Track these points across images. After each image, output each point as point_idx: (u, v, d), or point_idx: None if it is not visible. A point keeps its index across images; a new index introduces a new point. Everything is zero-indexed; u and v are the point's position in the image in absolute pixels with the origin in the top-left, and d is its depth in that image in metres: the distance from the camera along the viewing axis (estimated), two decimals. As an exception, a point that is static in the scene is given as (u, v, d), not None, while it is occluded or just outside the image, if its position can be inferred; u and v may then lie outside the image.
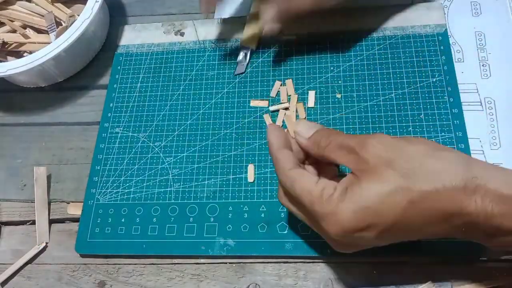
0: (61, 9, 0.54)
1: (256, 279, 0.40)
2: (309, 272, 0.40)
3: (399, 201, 0.29)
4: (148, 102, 0.50)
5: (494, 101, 0.43)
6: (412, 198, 0.29)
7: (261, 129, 0.46)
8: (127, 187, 0.45)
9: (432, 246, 0.38)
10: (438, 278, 0.38)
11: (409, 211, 0.29)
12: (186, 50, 0.52)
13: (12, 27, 0.53)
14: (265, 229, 0.41)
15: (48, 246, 0.45)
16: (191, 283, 0.41)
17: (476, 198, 0.28)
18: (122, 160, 0.47)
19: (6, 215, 0.48)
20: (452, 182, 0.28)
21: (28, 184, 0.48)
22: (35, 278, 0.44)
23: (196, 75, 0.50)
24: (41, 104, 0.53)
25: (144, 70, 0.52)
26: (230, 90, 0.48)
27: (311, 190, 0.31)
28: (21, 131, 0.52)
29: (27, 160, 0.50)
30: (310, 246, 0.40)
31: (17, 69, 0.47)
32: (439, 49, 0.46)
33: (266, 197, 0.42)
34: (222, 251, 0.41)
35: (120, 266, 0.43)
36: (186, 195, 0.44)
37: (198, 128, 0.47)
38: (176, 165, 0.45)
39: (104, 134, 0.49)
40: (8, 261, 0.45)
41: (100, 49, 0.55)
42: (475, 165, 0.29)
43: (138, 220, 0.43)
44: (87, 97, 0.53)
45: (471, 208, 0.28)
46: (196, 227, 0.42)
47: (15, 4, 0.54)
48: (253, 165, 0.44)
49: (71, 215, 0.46)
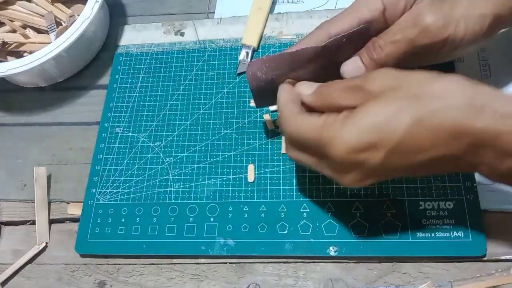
0: (61, 9, 0.54)
1: (256, 279, 0.40)
2: (309, 272, 0.40)
3: (406, 118, 0.28)
4: (148, 102, 0.50)
5: (494, 101, 0.43)
6: (419, 116, 0.28)
7: (261, 129, 0.46)
8: (127, 187, 0.45)
9: (432, 246, 0.38)
10: (438, 278, 0.38)
11: (416, 128, 0.28)
12: (186, 50, 0.52)
13: (12, 27, 0.53)
14: (265, 229, 0.41)
15: (48, 246, 0.45)
16: (191, 283, 0.41)
17: (484, 115, 0.28)
18: (122, 160, 0.47)
19: (6, 215, 0.48)
20: (460, 100, 0.28)
21: (28, 184, 0.48)
22: (35, 278, 0.44)
23: (196, 75, 0.50)
24: (41, 104, 0.53)
25: (144, 70, 0.52)
26: (230, 90, 0.48)
27: (315, 125, 0.32)
28: (21, 131, 0.52)
29: (27, 160, 0.50)
30: (310, 246, 0.40)
31: (17, 69, 0.47)
32: (439, 49, 0.46)
33: (266, 197, 0.42)
34: (222, 251, 0.41)
35: (120, 266, 0.43)
36: (186, 195, 0.44)
37: (198, 128, 0.47)
38: (176, 165, 0.45)
39: (104, 134, 0.49)
40: (8, 261, 0.45)
41: (100, 49, 0.55)
42: (480, 85, 0.29)
43: (138, 220, 0.43)
44: (87, 97, 0.53)
45: (480, 124, 0.28)
46: (196, 227, 0.42)
47: (15, 4, 0.54)
48: (253, 165, 0.44)
49: (71, 215, 0.46)
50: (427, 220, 0.39)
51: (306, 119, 0.33)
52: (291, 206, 0.42)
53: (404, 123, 0.28)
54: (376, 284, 0.38)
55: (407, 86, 0.30)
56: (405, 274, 0.38)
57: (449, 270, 0.38)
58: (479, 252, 0.38)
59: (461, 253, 0.38)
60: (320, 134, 0.31)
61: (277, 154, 0.44)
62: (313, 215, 0.41)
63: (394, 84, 0.30)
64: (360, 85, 0.31)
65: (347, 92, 0.32)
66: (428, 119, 0.28)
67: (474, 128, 0.28)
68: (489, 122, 0.28)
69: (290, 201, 0.42)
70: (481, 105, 0.28)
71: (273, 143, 0.45)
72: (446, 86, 0.29)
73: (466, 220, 0.38)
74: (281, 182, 0.43)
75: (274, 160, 0.44)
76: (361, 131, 0.29)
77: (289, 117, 0.34)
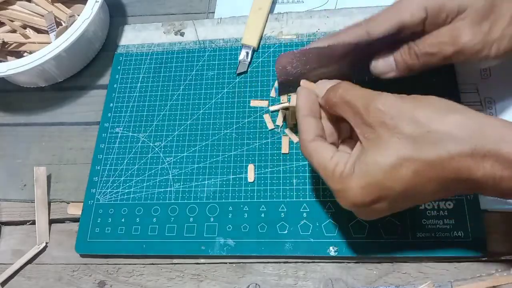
0: (61, 9, 0.54)
1: (256, 279, 0.40)
2: (309, 272, 0.40)
3: (404, 172, 0.29)
4: (148, 102, 0.50)
5: (494, 101, 0.43)
6: (417, 168, 0.28)
7: (261, 129, 0.46)
8: (127, 187, 0.45)
9: (432, 246, 0.38)
10: (438, 278, 0.38)
11: (416, 181, 0.29)
12: (186, 50, 0.52)
13: (12, 27, 0.53)
14: (265, 229, 0.41)
15: (48, 246, 0.45)
16: (191, 283, 0.41)
17: (485, 165, 0.27)
18: (122, 160, 0.47)
19: (6, 215, 0.48)
20: (458, 149, 0.28)
21: (28, 184, 0.48)
22: (35, 278, 0.44)
23: (196, 75, 0.50)
24: (41, 104, 0.53)
25: (144, 70, 0.52)
26: (230, 90, 0.48)
27: (325, 166, 0.32)
28: (21, 131, 0.52)
29: (27, 160, 0.50)
30: (310, 246, 0.40)
31: (17, 69, 0.47)
32: (439, 49, 0.46)
33: (266, 197, 0.42)
34: (222, 251, 0.41)
35: (120, 266, 0.43)
36: (186, 195, 0.44)
37: (198, 128, 0.47)
38: (176, 165, 0.45)
39: (104, 134, 0.49)
40: (8, 261, 0.45)
41: (100, 49, 0.55)
42: (487, 127, 0.28)
43: (138, 220, 0.43)
44: (87, 97, 0.53)
45: (479, 174, 0.28)
46: (196, 227, 0.42)
47: (15, 4, 0.54)
48: (253, 165, 0.44)
49: (71, 215, 0.46)
50: (427, 220, 0.39)
51: (318, 152, 0.33)
52: (291, 206, 0.42)
53: (404, 178, 0.29)
54: (376, 284, 0.38)
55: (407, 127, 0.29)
56: (405, 274, 0.38)
57: (449, 270, 0.38)
58: (479, 252, 0.37)
59: (461, 253, 0.38)
60: (330, 180, 0.32)
61: (277, 154, 0.44)
62: (313, 215, 0.41)
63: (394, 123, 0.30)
64: (361, 112, 0.31)
65: (350, 109, 0.32)
66: (426, 171, 0.28)
67: (473, 177, 0.28)
68: (490, 171, 0.27)
69: (290, 201, 0.42)
70: (484, 152, 0.27)
71: (273, 143, 0.45)
72: (447, 129, 0.28)
73: (466, 220, 0.38)
74: (281, 182, 0.43)
75: (274, 160, 0.44)
76: (364, 189, 0.30)
77: (303, 141, 0.34)
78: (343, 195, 0.31)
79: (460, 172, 0.28)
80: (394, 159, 0.29)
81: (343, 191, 0.31)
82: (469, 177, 0.28)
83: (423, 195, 0.30)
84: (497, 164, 0.27)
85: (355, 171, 0.30)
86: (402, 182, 0.29)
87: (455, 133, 0.28)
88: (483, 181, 0.28)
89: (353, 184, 0.30)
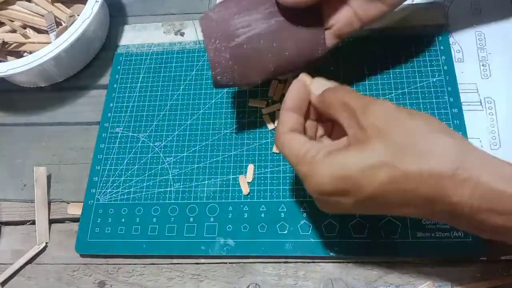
0: (61, 9, 0.54)
1: (256, 279, 0.40)
2: (309, 272, 0.40)
3: (381, 176, 0.28)
4: (148, 102, 0.50)
5: (494, 101, 0.43)
6: (395, 176, 0.28)
7: (261, 129, 0.46)
8: (127, 187, 0.45)
9: (432, 246, 0.38)
10: (438, 278, 0.38)
11: (389, 188, 0.28)
12: (186, 50, 0.52)
13: (12, 27, 0.53)
14: (265, 229, 0.41)
15: (48, 246, 0.45)
16: (191, 283, 0.41)
17: (463, 190, 0.27)
18: (122, 160, 0.47)
19: (6, 215, 0.48)
20: (440, 168, 0.27)
21: (28, 184, 0.48)
22: (35, 278, 0.44)
23: (196, 75, 0.50)
24: (41, 104, 0.53)
25: (144, 70, 0.52)
26: (230, 90, 0.48)
27: (298, 152, 0.32)
28: (21, 131, 0.52)
29: (27, 160, 0.50)
30: (310, 246, 0.40)
31: (17, 69, 0.47)
32: (439, 49, 0.46)
33: (266, 197, 0.42)
34: (222, 251, 0.41)
35: (120, 266, 0.43)
36: (186, 195, 0.44)
37: (198, 128, 0.47)
38: (176, 165, 0.45)
39: (104, 134, 0.49)
40: (8, 261, 0.45)
41: (100, 49, 0.55)
42: (472, 154, 0.28)
43: (138, 220, 0.43)
44: (87, 97, 0.53)
45: (455, 199, 0.27)
46: (196, 227, 0.42)
47: (15, 4, 0.54)
48: (253, 165, 0.44)
49: (71, 215, 0.46)
50: (427, 220, 0.39)
51: (292, 140, 0.33)
52: (291, 206, 0.42)
53: (379, 181, 0.28)
54: (376, 284, 0.38)
55: (397, 135, 0.29)
56: (405, 274, 0.38)
57: (449, 270, 0.38)
58: (479, 252, 0.38)
59: (461, 253, 0.38)
60: (300, 165, 0.31)
61: (277, 154, 0.44)
62: (313, 215, 0.41)
63: (386, 129, 0.29)
64: (357, 114, 0.31)
65: (345, 111, 0.32)
66: (403, 182, 0.28)
67: (449, 200, 0.27)
68: (468, 198, 0.27)
69: (290, 201, 0.42)
70: (465, 177, 0.27)
71: (273, 143, 0.45)
72: (433, 147, 0.28)
73: (466, 220, 0.38)
74: (281, 182, 0.43)
75: (274, 160, 0.44)
76: (334, 178, 0.29)
77: (278, 131, 0.34)
78: (310, 180, 0.31)
79: (436, 192, 0.27)
80: (375, 160, 0.28)
81: (311, 176, 0.30)
82: (444, 199, 0.27)
83: (391, 205, 0.30)
84: (476, 192, 0.27)
85: (329, 159, 0.30)
86: (375, 185, 0.28)
87: (440, 152, 0.28)
88: (458, 208, 0.27)
89: (324, 170, 0.30)
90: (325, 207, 0.34)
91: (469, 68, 0.45)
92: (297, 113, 0.35)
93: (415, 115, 0.30)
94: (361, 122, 0.30)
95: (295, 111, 0.35)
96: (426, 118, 0.30)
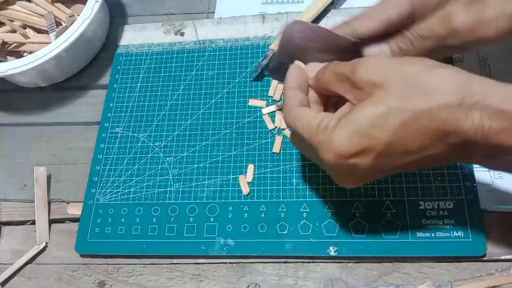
0: (61, 9, 0.54)
1: (256, 279, 0.40)
2: (309, 272, 0.40)
3: (392, 122, 0.28)
4: (148, 102, 0.50)
5: (494, 101, 0.43)
6: (405, 119, 0.28)
7: (261, 129, 0.46)
8: (127, 187, 0.45)
9: (432, 246, 0.38)
10: (438, 278, 0.38)
11: (403, 132, 0.28)
12: (186, 50, 0.52)
13: (12, 27, 0.53)
14: (265, 229, 0.41)
15: (48, 246, 0.45)
16: (191, 283, 0.41)
17: (473, 115, 0.27)
18: (122, 160, 0.47)
19: (6, 215, 0.48)
20: (447, 99, 0.28)
21: (28, 184, 0.48)
22: (35, 278, 0.44)
23: (196, 75, 0.50)
24: (41, 104, 0.53)
25: (144, 70, 0.52)
26: (230, 90, 0.48)
27: (309, 124, 0.32)
28: (21, 131, 0.52)
29: (27, 160, 0.50)
30: (310, 246, 0.40)
31: (17, 69, 0.47)
32: (439, 49, 0.46)
33: (266, 197, 0.42)
34: (222, 251, 0.41)
35: (120, 266, 0.43)
36: (186, 195, 0.44)
37: (198, 128, 0.47)
38: (176, 165, 0.45)
39: (104, 134, 0.49)
40: (8, 261, 0.45)
41: (100, 49, 0.55)
42: (475, 80, 0.28)
43: (138, 220, 0.43)
44: (87, 97, 0.53)
45: (468, 125, 0.27)
46: (196, 227, 0.42)
47: (15, 4, 0.54)
48: (253, 165, 0.44)
49: (71, 215, 0.46)
50: (427, 220, 0.39)
51: (303, 113, 0.33)
52: (291, 206, 0.42)
53: (391, 127, 0.28)
54: (376, 284, 0.38)
55: (396, 81, 0.29)
56: (405, 274, 0.38)
57: (449, 270, 0.38)
58: (479, 252, 0.38)
59: (461, 253, 0.38)
60: (314, 136, 0.31)
61: (277, 154, 0.44)
62: (313, 215, 0.41)
63: (383, 79, 0.29)
64: (349, 76, 0.31)
65: (339, 79, 0.32)
66: (414, 123, 0.28)
67: (461, 129, 0.28)
68: (478, 122, 0.27)
69: (290, 201, 0.42)
70: (472, 103, 0.27)
71: (273, 143, 0.45)
72: (435, 82, 0.28)
73: (466, 220, 0.38)
74: (281, 182, 0.43)
75: (274, 160, 0.44)
76: (349, 138, 0.29)
77: (287, 106, 0.34)
78: (327, 146, 0.30)
79: (448, 123, 0.28)
80: (382, 109, 0.29)
81: (328, 143, 0.30)
82: (457, 128, 0.28)
83: (410, 152, 0.29)
84: (484, 114, 0.27)
85: (342, 122, 0.30)
86: (389, 132, 0.28)
87: (444, 85, 0.28)
88: (471, 134, 0.28)
89: (339, 134, 0.30)
90: (344, 177, 0.33)
91: (469, 68, 0.45)
92: (301, 90, 0.35)
93: (407, 59, 0.31)
94: (355, 82, 0.31)
95: (299, 89, 0.35)
96: (421, 59, 0.30)
